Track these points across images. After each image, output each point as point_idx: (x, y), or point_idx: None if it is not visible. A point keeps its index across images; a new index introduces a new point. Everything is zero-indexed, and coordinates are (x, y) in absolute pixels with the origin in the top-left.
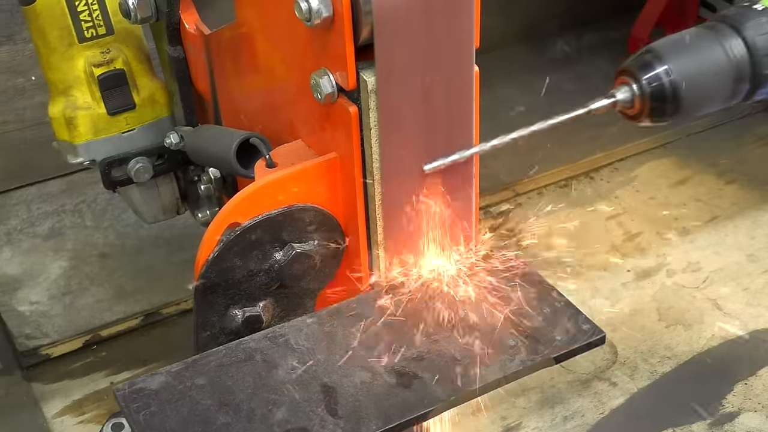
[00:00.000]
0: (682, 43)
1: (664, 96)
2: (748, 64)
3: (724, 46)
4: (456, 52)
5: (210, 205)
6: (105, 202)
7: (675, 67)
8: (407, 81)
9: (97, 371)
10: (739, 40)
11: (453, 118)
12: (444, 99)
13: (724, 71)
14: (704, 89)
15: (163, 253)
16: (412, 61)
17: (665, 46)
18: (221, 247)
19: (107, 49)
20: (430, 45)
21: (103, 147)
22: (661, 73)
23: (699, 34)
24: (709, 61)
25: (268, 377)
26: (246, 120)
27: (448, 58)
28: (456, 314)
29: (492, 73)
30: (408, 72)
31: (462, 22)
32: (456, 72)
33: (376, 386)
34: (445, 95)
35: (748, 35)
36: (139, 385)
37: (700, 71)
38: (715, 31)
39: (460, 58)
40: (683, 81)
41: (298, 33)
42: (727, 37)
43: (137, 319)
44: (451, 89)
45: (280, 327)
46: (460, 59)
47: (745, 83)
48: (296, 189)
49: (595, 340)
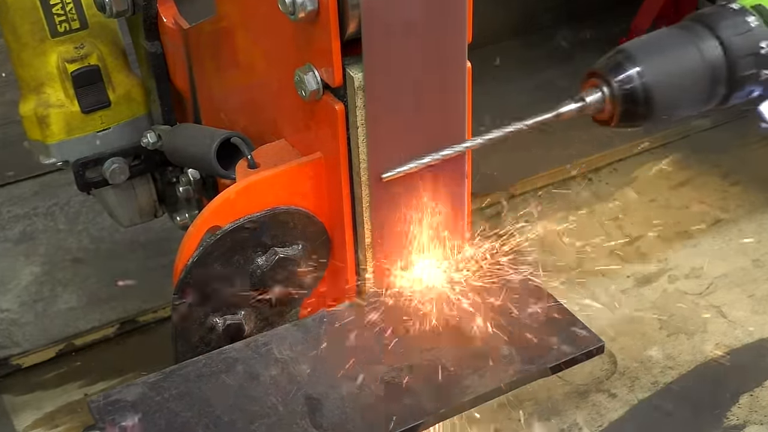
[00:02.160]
0: (655, 43)
1: (636, 99)
2: (724, 66)
3: (699, 47)
4: (447, 47)
5: (189, 207)
6: (79, 204)
7: (647, 68)
8: (396, 77)
9: (70, 382)
10: (715, 40)
11: (444, 117)
12: (435, 96)
13: (699, 73)
14: (678, 92)
15: (140, 258)
16: (402, 57)
17: (637, 46)
18: (201, 252)
19: (81, 44)
20: (420, 40)
21: (76, 147)
22: (633, 75)
23: (673, 35)
24: (683, 63)
25: (249, 388)
26: (227, 118)
27: (439, 54)
28: (447, 322)
29: (485, 69)
30: (397, 68)
31: (454, 16)
32: (447, 68)
33: (364, 398)
34: (436, 92)
35: (723, 36)
36: (115, 397)
37: (674, 73)
38: (690, 31)
39: (452, 53)
40: (656, 83)
41: (281, 27)
42: (702, 37)
43: (112, 327)
44: (442, 86)
45: (263, 335)
46: (451, 54)
47: (721, 86)
48: (279, 191)
49: (594, 349)
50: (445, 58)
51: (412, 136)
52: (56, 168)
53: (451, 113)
